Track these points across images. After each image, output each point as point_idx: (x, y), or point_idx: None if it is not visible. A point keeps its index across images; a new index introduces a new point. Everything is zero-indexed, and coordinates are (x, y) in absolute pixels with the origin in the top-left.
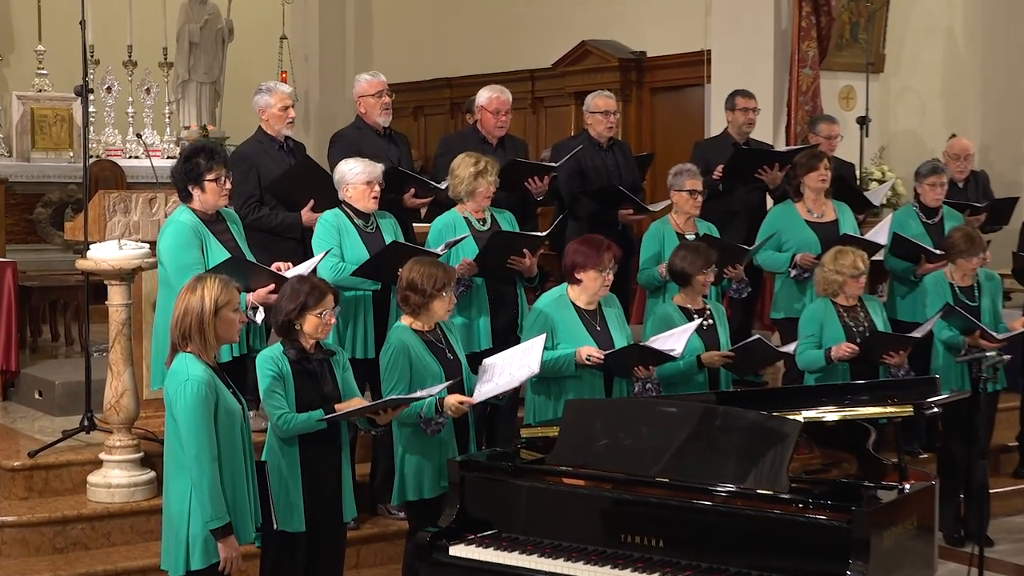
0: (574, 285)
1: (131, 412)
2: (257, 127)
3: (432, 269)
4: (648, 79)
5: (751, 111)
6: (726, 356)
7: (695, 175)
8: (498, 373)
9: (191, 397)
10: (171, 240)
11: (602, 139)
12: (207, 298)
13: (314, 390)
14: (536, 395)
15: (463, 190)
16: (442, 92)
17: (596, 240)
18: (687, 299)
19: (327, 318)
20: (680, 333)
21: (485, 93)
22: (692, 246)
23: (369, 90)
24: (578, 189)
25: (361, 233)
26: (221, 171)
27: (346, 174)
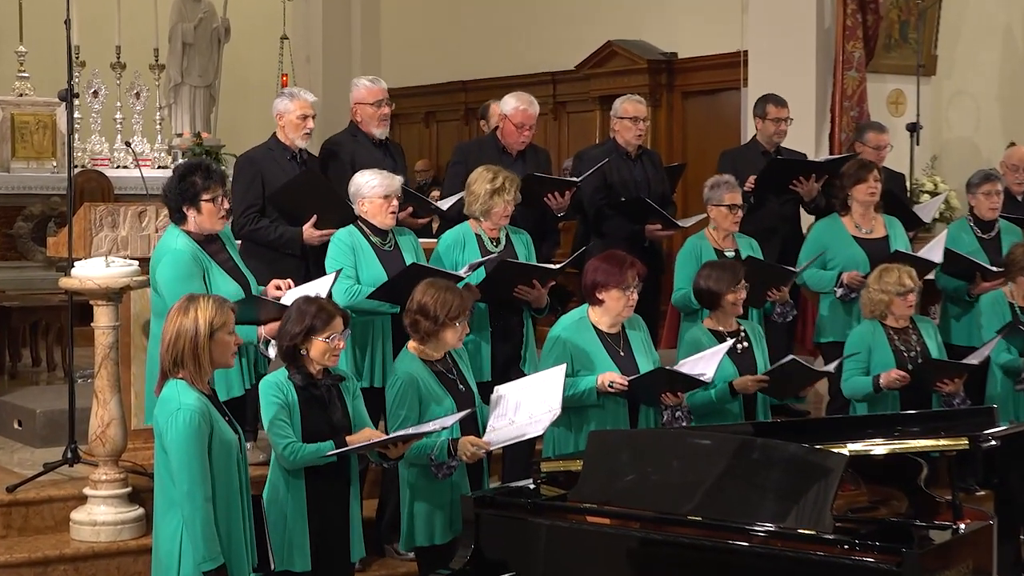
0: (595, 306)
1: (118, 444)
2: (272, 133)
3: (447, 295)
4: (679, 82)
5: (783, 121)
6: (760, 380)
7: (734, 187)
8: (513, 407)
9: (183, 427)
10: (170, 271)
11: (630, 148)
12: (201, 320)
13: (322, 419)
14: (555, 426)
15: (478, 208)
16: (456, 96)
17: (618, 256)
18: (718, 321)
19: (335, 343)
20: (710, 356)
21: (511, 102)
22: (718, 263)
23: (368, 98)
24: (603, 202)
25: (378, 252)
26: (218, 191)
27: (362, 187)
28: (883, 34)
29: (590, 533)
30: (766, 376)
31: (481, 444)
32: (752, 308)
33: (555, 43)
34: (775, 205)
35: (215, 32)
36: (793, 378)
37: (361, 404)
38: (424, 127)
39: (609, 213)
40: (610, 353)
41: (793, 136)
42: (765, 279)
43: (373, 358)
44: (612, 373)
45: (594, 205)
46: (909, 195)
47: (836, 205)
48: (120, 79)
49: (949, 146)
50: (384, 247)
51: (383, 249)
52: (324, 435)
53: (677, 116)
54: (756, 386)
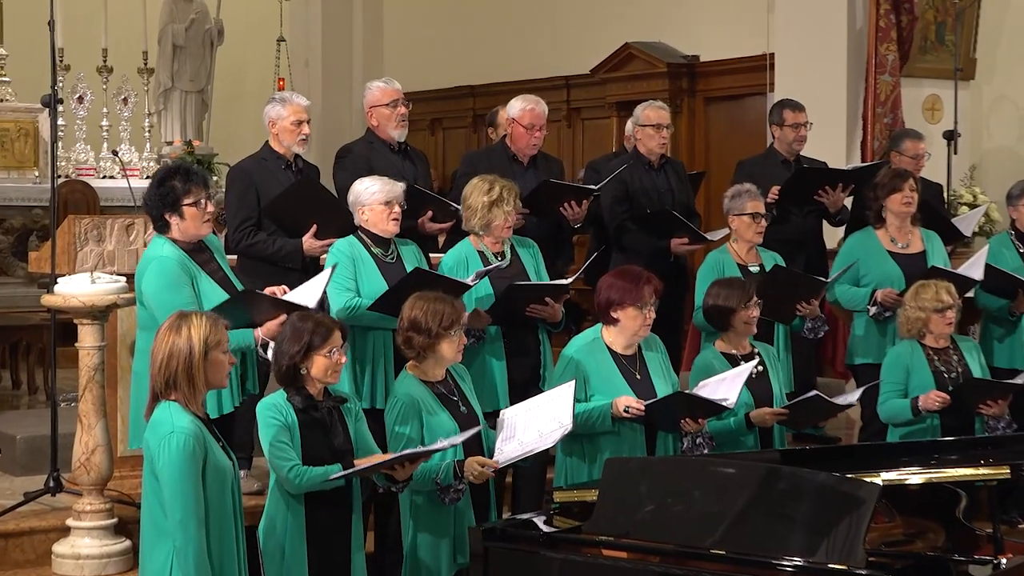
0: (610, 326)
1: (104, 471)
2: (264, 142)
3: (437, 304)
4: (701, 87)
5: (802, 126)
6: (779, 414)
7: (756, 196)
8: (521, 428)
9: (176, 452)
10: (157, 280)
11: (653, 156)
12: (195, 338)
13: (323, 443)
14: (567, 455)
15: (477, 223)
16: (463, 102)
17: (633, 272)
18: (730, 343)
19: (336, 357)
20: (732, 379)
21: (517, 104)
22: (727, 279)
23: (383, 99)
24: (624, 215)
25: (379, 263)
26: (201, 193)
27: (361, 194)
28: (918, 36)
29: (606, 568)
30: (785, 410)
31: (489, 463)
32: (779, 324)
33: (569, 45)
34: (798, 217)
35: (208, 34)
36: (814, 411)
37: (365, 427)
38: (429, 134)
39: (631, 227)
40: (625, 376)
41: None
42: (794, 291)
43: (374, 376)
44: (628, 397)
45: (615, 218)
46: (947, 207)
47: (870, 217)
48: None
49: (989, 155)
50: (386, 258)
51: (385, 260)
52: (325, 460)
53: (699, 123)
54: (774, 419)
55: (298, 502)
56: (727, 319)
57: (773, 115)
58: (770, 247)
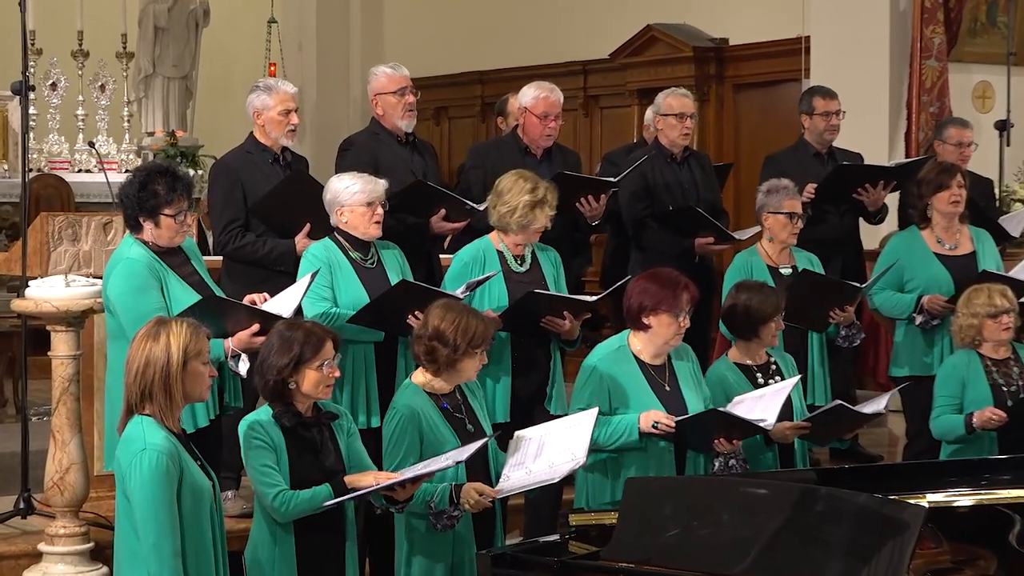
0: (639, 332)
1: (79, 492)
2: (248, 134)
3: (469, 320)
4: (730, 73)
5: (833, 115)
6: (800, 428)
7: (793, 194)
8: (532, 454)
9: (149, 471)
10: (123, 283)
11: (675, 148)
12: (173, 347)
13: (313, 465)
14: (589, 471)
15: (515, 221)
16: (471, 89)
17: (670, 276)
18: (747, 353)
19: (329, 370)
20: (771, 396)
21: (529, 92)
22: (754, 285)
23: (389, 86)
24: (644, 212)
25: (358, 269)
26: (183, 205)
27: (340, 193)
28: (967, 17)
29: None
30: (807, 423)
31: (488, 492)
32: (812, 332)
33: (586, 27)
34: (835, 217)
35: (192, 15)
36: (838, 423)
37: (359, 444)
38: (434, 124)
39: (652, 225)
40: (654, 388)
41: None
42: (827, 297)
43: (355, 394)
44: (657, 412)
45: (635, 214)
46: (997, 204)
47: (914, 217)
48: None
49: None
50: (366, 263)
51: (364, 266)
52: (316, 483)
53: (728, 112)
54: (796, 434)
55: (286, 529)
56: (754, 327)
57: (802, 103)
58: (804, 248)
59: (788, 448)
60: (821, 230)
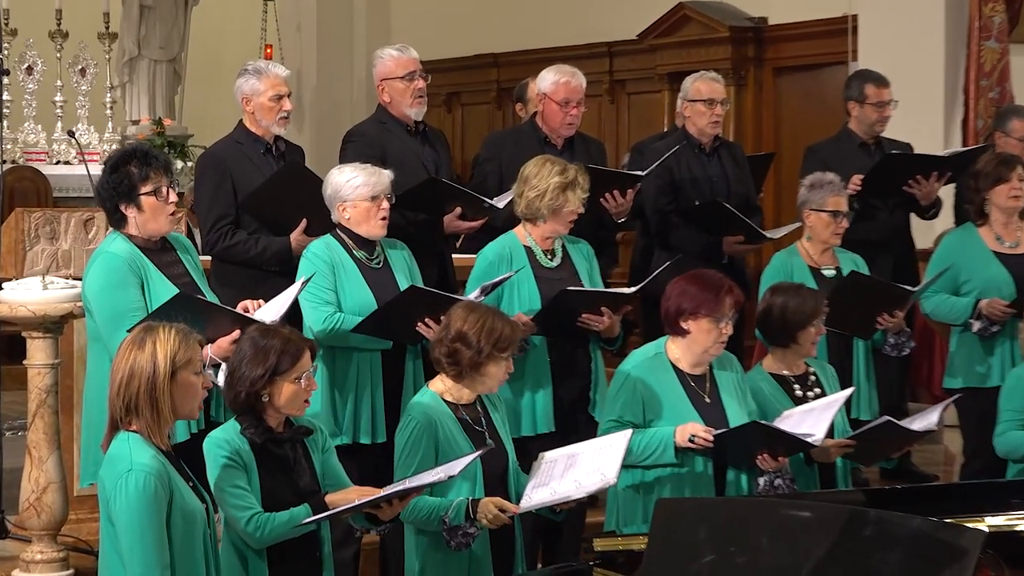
0: (677, 338)
1: (57, 513)
2: (237, 122)
3: (495, 322)
4: (770, 55)
5: (886, 105)
6: (844, 446)
7: (839, 190)
8: (559, 475)
9: (135, 493)
10: (100, 278)
11: (704, 138)
12: (160, 356)
13: (286, 485)
14: (620, 491)
15: (545, 206)
16: (486, 73)
17: (713, 278)
18: (784, 362)
19: (306, 383)
20: (821, 411)
21: (549, 76)
22: (791, 287)
23: (397, 70)
24: (668, 207)
25: (363, 270)
26: (161, 179)
27: (341, 187)
28: None
29: None
30: (851, 440)
31: (508, 507)
32: (858, 339)
33: (612, 5)
34: (884, 213)
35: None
36: (886, 441)
37: (335, 461)
38: (445, 112)
39: (676, 221)
40: (692, 399)
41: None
42: (875, 301)
43: (358, 406)
44: (695, 424)
45: (658, 211)
46: None
47: (970, 212)
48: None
49: None
50: (371, 263)
51: (370, 266)
52: (290, 505)
53: (767, 98)
54: (839, 452)
55: (260, 555)
56: (791, 334)
57: (851, 89)
58: (850, 247)
59: (829, 468)
60: (868, 227)
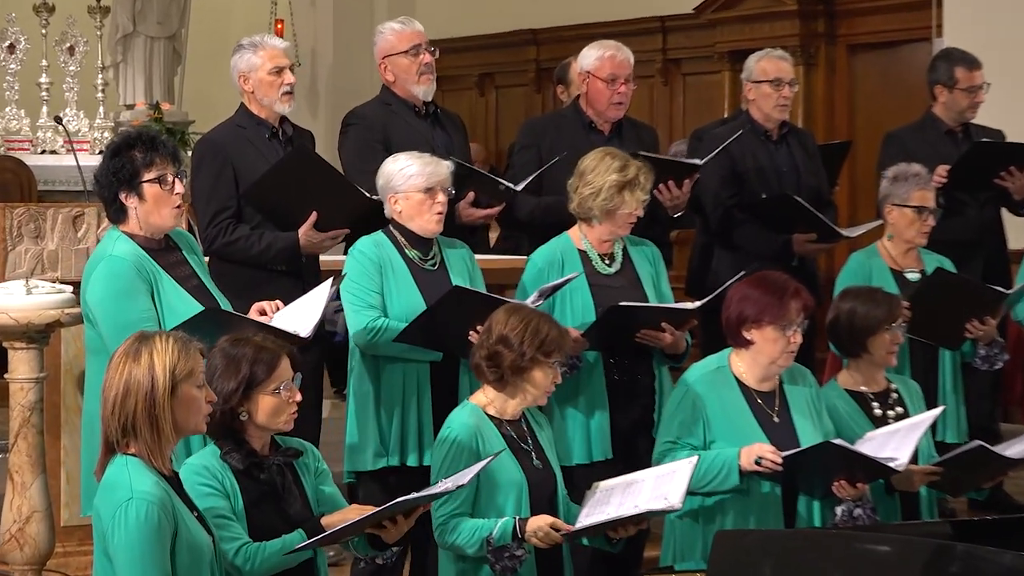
0: (741, 349)
1: (42, 545)
2: (239, 105)
3: (540, 323)
4: (844, 31)
5: (978, 89)
6: (929, 473)
7: (926, 183)
8: (616, 502)
9: (136, 525)
10: (105, 285)
11: (770, 124)
12: (158, 368)
13: (275, 514)
14: (677, 517)
15: (598, 206)
16: (523, 52)
17: (777, 281)
18: (860, 377)
19: (288, 394)
20: (907, 432)
21: (591, 53)
22: (863, 290)
23: (399, 45)
24: (730, 201)
25: (415, 271)
26: (167, 167)
27: (394, 176)
28: None
29: None
30: (938, 467)
31: (562, 527)
32: (945, 350)
33: None
34: (973, 209)
35: None
36: (978, 468)
37: (331, 487)
38: (478, 95)
39: (739, 217)
40: (759, 418)
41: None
42: (964, 306)
43: (405, 424)
44: (762, 445)
45: (719, 205)
46: None
47: None
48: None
49: None
50: (426, 264)
51: (423, 268)
52: (281, 535)
53: (840, 80)
54: (924, 480)
55: None
56: (861, 341)
57: (938, 72)
58: (935, 248)
59: (912, 497)
60: (955, 225)
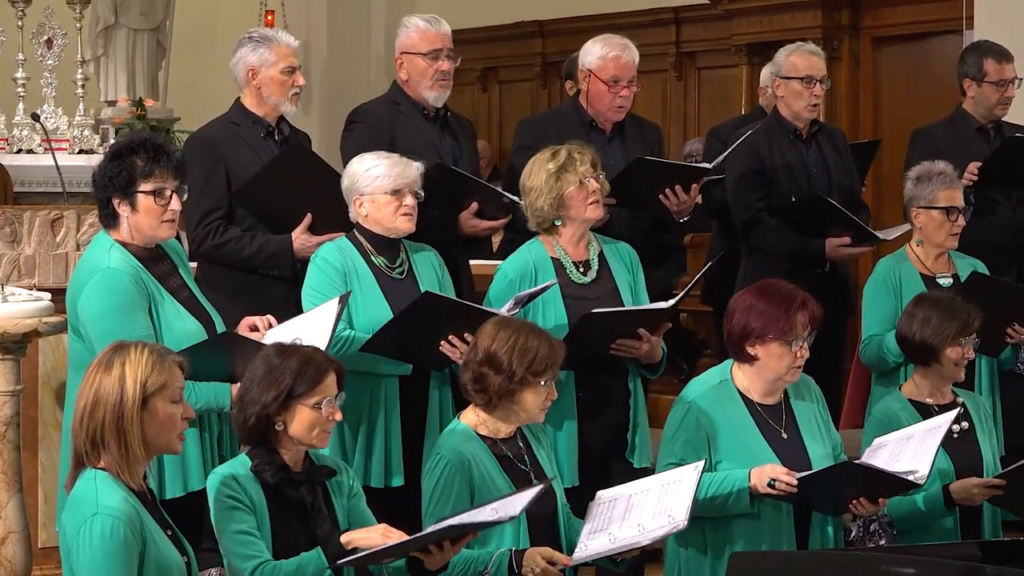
0: (744, 364)
1: (19, 568)
2: (235, 100)
3: (529, 339)
4: (869, 22)
5: (1009, 84)
6: (992, 487)
7: (953, 182)
8: (618, 518)
9: (101, 542)
10: (103, 300)
11: (800, 122)
12: (129, 380)
13: (302, 533)
14: (682, 546)
15: (546, 204)
16: (528, 45)
17: (781, 290)
18: (926, 388)
19: (328, 411)
20: (922, 438)
21: (594, 50)
22: (936, 299)
23: (420, 45)
24: (758, 203)
25: (381, 279)
26: (167, 180)
27: (359, 177)
28: None
29: None
30: (1001, 480)
31: (558, 559)
32: (982, 356)
33: None
34: (1007, 209)
35: None
36: None
37: (363, 507)
38: (480, 91)
39: (768, 221)
40: (767, 435)
41: None
42: (1003, 310)
43: (370, 443)
44: (774, 466)
45: (746, 209)
46: None
47: None
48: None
49: None
50: (393, 271)
51: (390, 276)
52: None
53: (865, 73)
54: (985, 494)
55: None
56: (930, 354)
57: (968, 65)
58: (965, 248)
59: (974, 514)
60: (987, 225)
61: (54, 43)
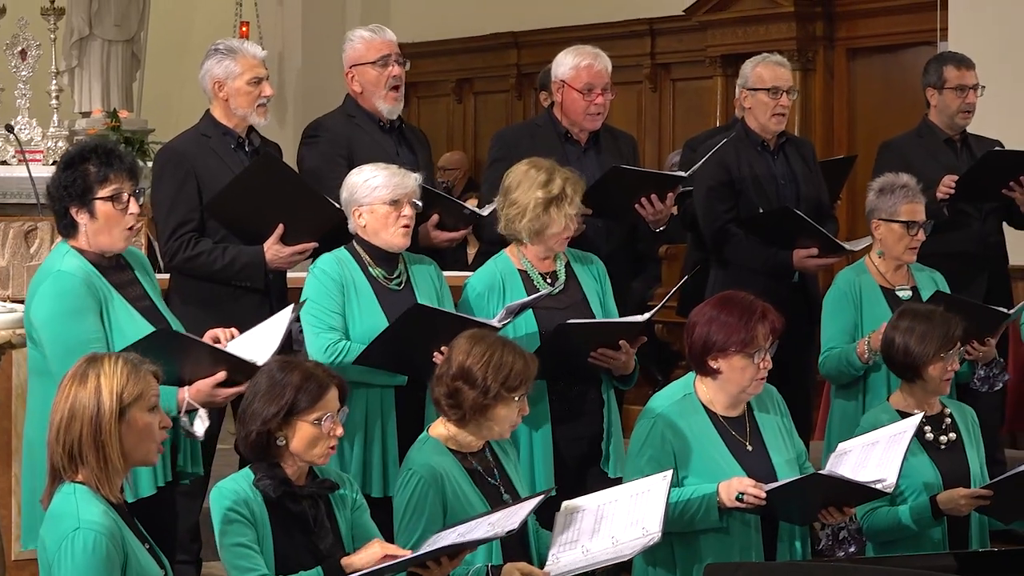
0: (707, 377)
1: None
2: (204, 112)
3: (504, 354)
4: (843, 34)
5: (969, 90)
6: (978, 496)
7: (915, 196)
8: (588, 530)
9: (84, 556)
10: (52, 304)
11: (768, 134)
12: (105, 391)
13: (305, 548)
14: (650, 565)
15: (524, 227)
16: (503, 56)
17: (742, 302)
18: (913, 400)
19: (330, 427)
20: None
21: (567, 60)
22: (923, 311)
23: (367, 55)
24: (727, 215)
25: (379, 291)
26: (123, 183)
27: (358, 188)
28: None
29: None
30: (988, 491)
31: (536, 574)
32: None
33: None
34: (975, 220)
35: None
36: None
37: (366, 519)
38: (455, 101)
39: (735, 232)
40: (731, 448)
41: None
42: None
43: (368, 454)
44: (742, 479)
45: (714, 220)
46: None
47: None
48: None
49: None
50: (391, 283)
51: (388, 287)
52: (308, 569)
53: (840, 85)
54: (972, 504)
55: None
56: (916, 369)
57: (929, 75)
58: (936, 261)
59: (961, 524)
60: (958, 238)
61: (28, 54)
